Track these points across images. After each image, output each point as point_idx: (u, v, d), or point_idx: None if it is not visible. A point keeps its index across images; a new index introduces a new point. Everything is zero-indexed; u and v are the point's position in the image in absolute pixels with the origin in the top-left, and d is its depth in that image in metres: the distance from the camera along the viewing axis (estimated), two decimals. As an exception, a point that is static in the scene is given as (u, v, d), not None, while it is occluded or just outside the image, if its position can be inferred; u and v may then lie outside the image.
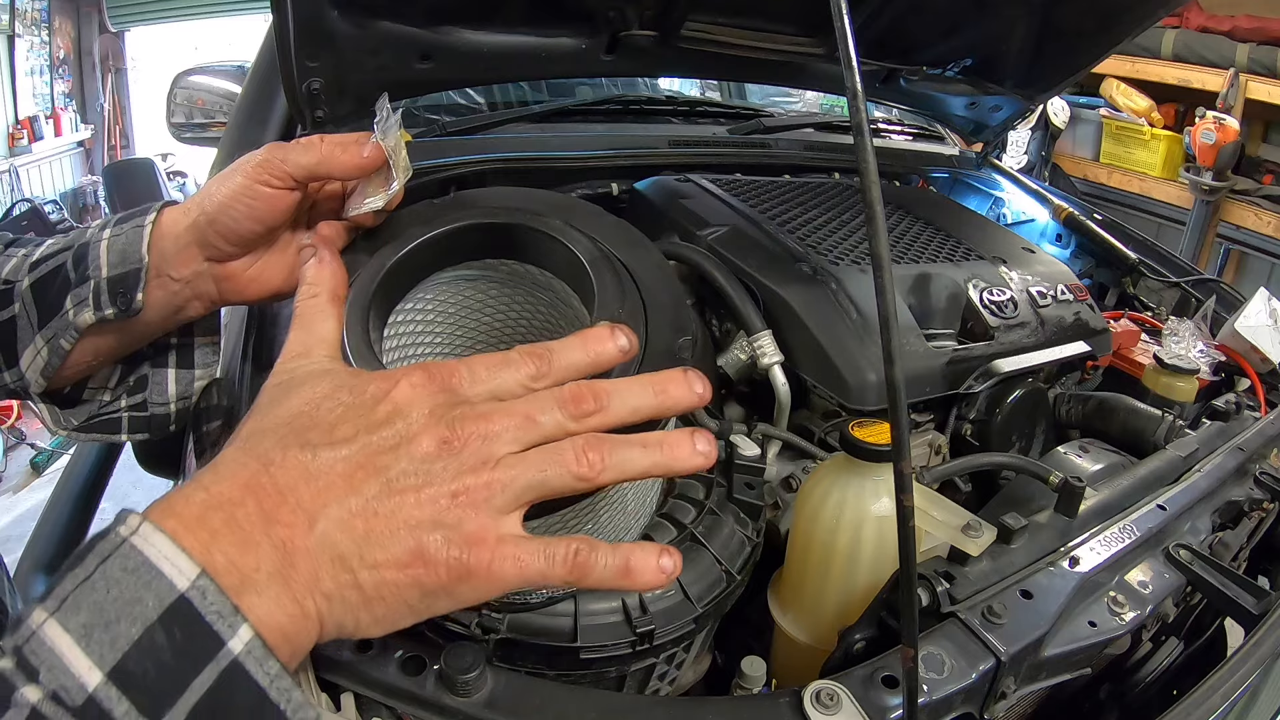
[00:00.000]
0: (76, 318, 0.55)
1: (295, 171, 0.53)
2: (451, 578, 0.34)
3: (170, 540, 0.30)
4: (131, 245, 0.55)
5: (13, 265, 0.59)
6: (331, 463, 0.34)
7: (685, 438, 0.39)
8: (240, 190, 0.53)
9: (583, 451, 0.36)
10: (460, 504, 0.34)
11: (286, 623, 0.32)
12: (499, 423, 0.36)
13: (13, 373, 0.58)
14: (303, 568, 0.33)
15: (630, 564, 0.37)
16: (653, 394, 0.39)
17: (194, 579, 0.29)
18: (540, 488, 0.36)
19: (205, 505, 0.32)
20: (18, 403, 3.28)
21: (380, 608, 0.35)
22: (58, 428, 0.62)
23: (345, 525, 0.33)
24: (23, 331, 0.57)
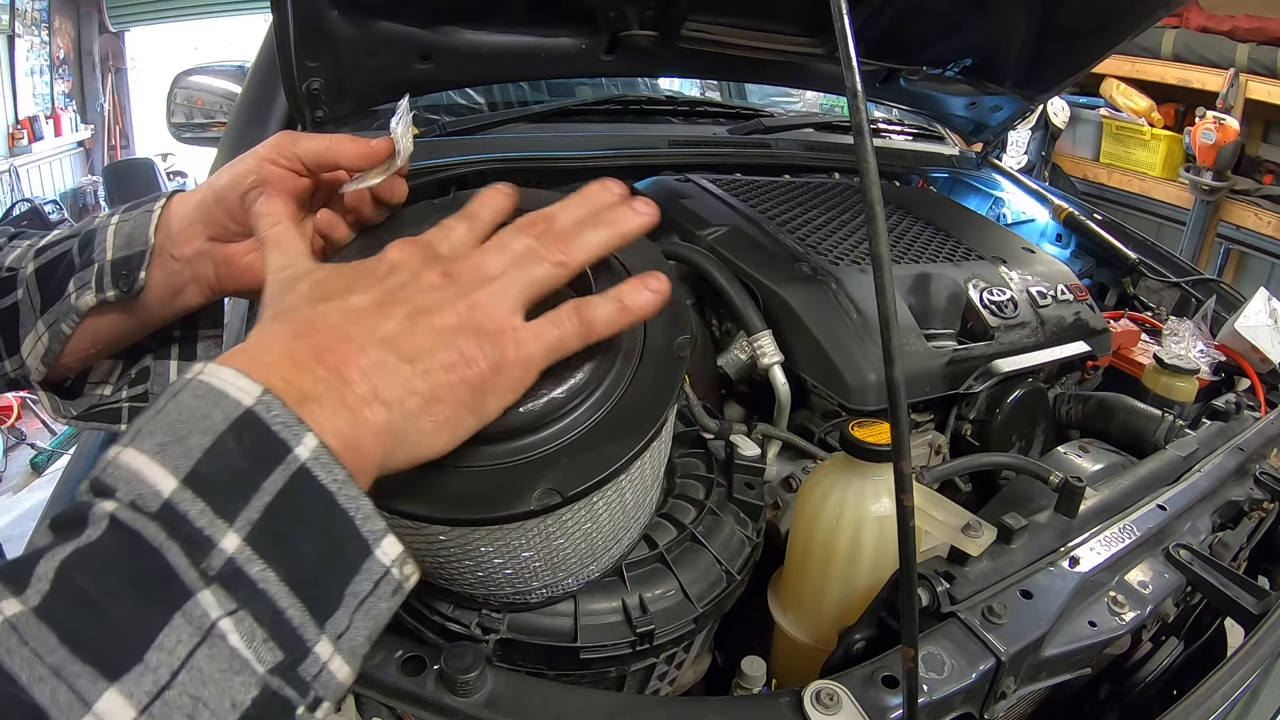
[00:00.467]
0: (78, 300, 0.55)
1: (304, 155, 0.54)
2: (490, 366, 0.38)
3: (234, 369, 0.32)
4: (139, 229, 0.55)
5: (17, 254, 0.59)
6: (361, 303, 0.38)
7: (627, 209, 0.45)
8: (249, 169, 0.54)
9: (551, 246, 0.42)
10: (476, 311, 0.39)
11: (348, 430, 0.33)
12: (483, 255, 0.42)
13: (13, 360, 0.59)
14: (359, 383, 0.35)
15: (624, 300, 0.42)
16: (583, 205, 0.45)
17: (259, 395, 0.31)
18: (534, 283, 0.41)
19: (260, 349, 0.35)
20: (18, 402, 3.29)
21: (439, 409, 0.37)
22: (58, 416, 0.62)
23: (389, 344, 0.36)
24: (25, 318, 0.57)
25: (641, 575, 0.57)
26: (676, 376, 0.49)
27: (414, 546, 0.49)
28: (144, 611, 0.27)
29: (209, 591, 0.28)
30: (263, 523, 0.29)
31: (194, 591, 0.28)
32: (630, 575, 0.56)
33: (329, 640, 0.30)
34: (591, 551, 0.52)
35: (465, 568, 0.49)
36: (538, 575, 0.51)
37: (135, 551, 0.28)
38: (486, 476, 0.44)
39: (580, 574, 0.53)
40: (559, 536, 0.48)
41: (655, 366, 0.49)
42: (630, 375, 0.48)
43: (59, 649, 0.26)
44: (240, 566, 0.28)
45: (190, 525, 0.28)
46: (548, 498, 0.43)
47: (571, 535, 0.49)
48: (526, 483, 0.43)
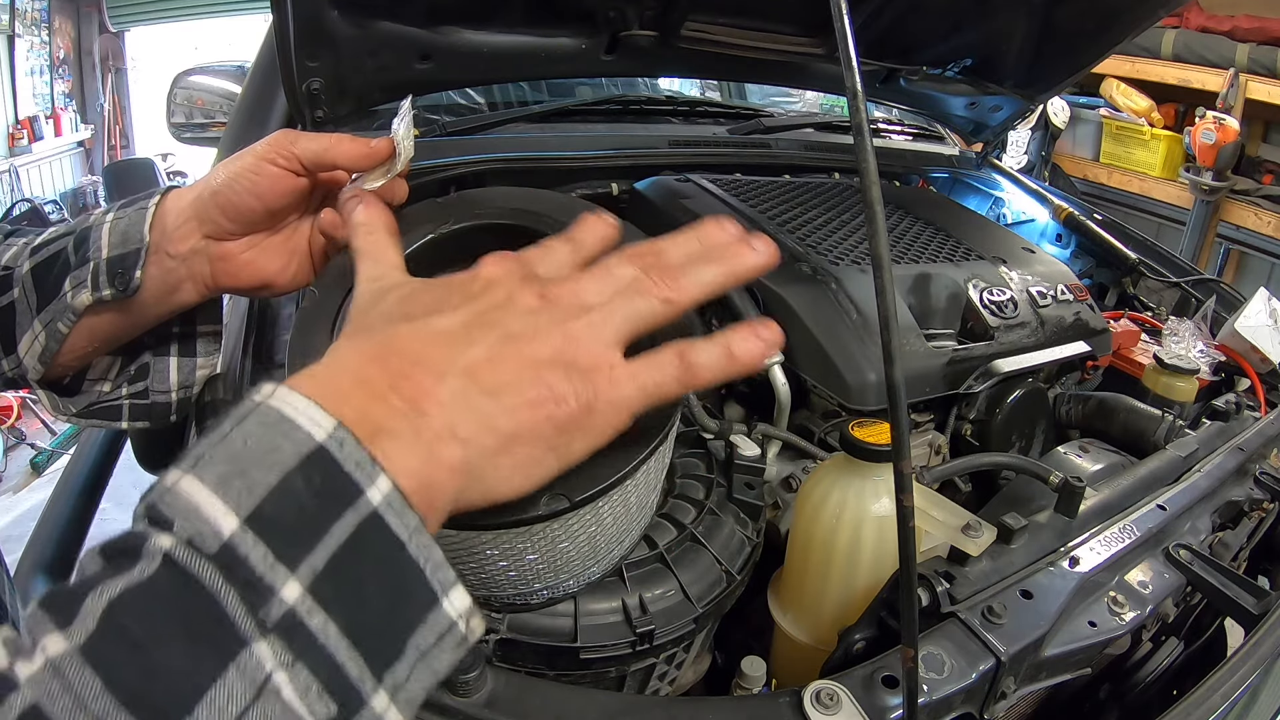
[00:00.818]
0: (74, 299, 0.54)
1: (303, 155, 0.53)
2: (581, 407, 0.36)
3: (306, 398, 0.30)
4: (134, 226, 0.54)
5: (13, 253, 0.59)
6: (447, 325, 0.36)
7: (744, 246, 0.42)
8: (247, 166, 0.54)
9: (660, 280, 0.39)
10: (572, 343, 0.36)
11: (422, 470, 0.32)
12: (583, 281, 0.39)
13: (10, 360, 0.58)
14: (435, 417, 0.33)
15: (732, 349, 0.39)
16: (698, 241, 0.42)
17: (331, 430, 0.29)
18: (635, 318, 0.38)
19: (333, 372, 0.33)
20: (18, 402, 3.29)
21: (520, 450, 0.35)
22: (57, 414, 0.62)
23: (472, 375, 0.34)
24: (21, 317, 0.57)
25: (641, 575, 0.57)
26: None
27: None
28: (196, 661, 0.25)
29: (265, 643, 0.26)
30: (328, 571, 0.27)
31: (249, 642, 0.26)
32: (630, 575, 0.56)
33: (386, 693, 0.29)
34: (594, 553, 0.52)
35: (469, 569, 0.49)
36: (540, 577, 0.51)
37: (190, 595, 0.26)
38: None
39: (582, 575, 0.53)
40: (563, 539, 0.48)
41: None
42: None
43: (103, 696, 0.24)
44: (300, 618, 0.27)
45: (250, 570, 0.26)
46: (556, 502, 0.43)
47: (576, 538, 0.49)
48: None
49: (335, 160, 0.54)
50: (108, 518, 2.75)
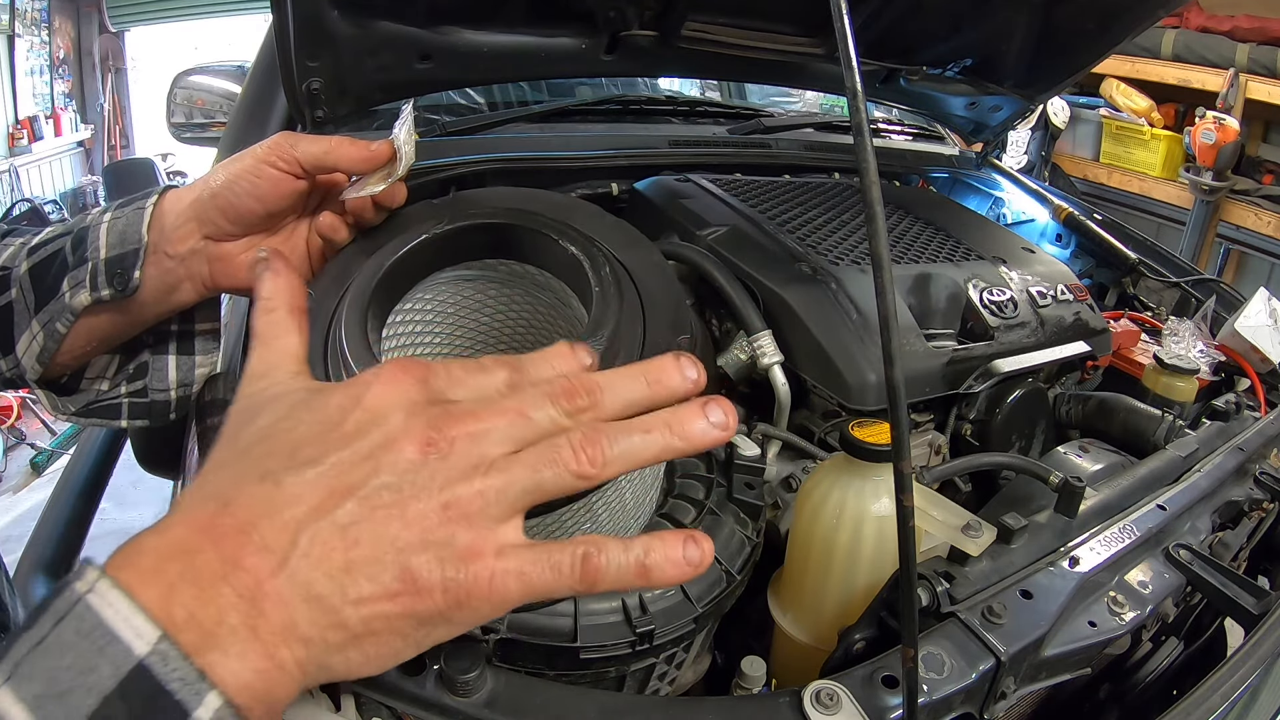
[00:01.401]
0: (73, 299, 0.54)
1: (303, 158, 0.53)
2: (449, 602, 0.31)
3: (126, 597, 0.27)
4: (132, 226, 0.54)
5: (10, 253, 0.58)
6: (297, 489, 0.30)
7: (695, 411, 0.35)
8: (247, 168, 0.53)
9: (580, 447, 0.33)
10: (451, 518, 0.31)
11: (257, 680, 0.28)
12: (488, 420, 0.33)
13: (8, 360, 0.58)
14: (274, 615, 0.29)
15: (646, 562, 0.33)
16: (645, 385, 0.36)
17: (154, 643, 0.26)
18: (537, 491, 0.33)
19: (162, 554, 0.29)
20: (18, 402, 3.29)
21: (371, 645, 0.31)
22: (56, 413, 0.62)
23: (319, 559, 0.30)
24: (19, 317, 0.57)
25: (641, 575, 0.57)
26: None
27: None
28: None
29: None
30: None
31: None
32: (630, 575, 0.56)
33: None
34: None
35: None
36: None
37: None
38: None
39: None
40: (558, 536, 0.48)
41: None
42: None
43: None
44: None
45: None
46: None
47: (571, 535, 0.49)
48: None
49: (335, 163, 0.54)
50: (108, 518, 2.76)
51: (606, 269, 0.51)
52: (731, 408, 0.36)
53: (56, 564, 1.39)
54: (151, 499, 2.85)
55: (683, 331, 0.52)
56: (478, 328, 0.65)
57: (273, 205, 0.55)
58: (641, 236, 0.61)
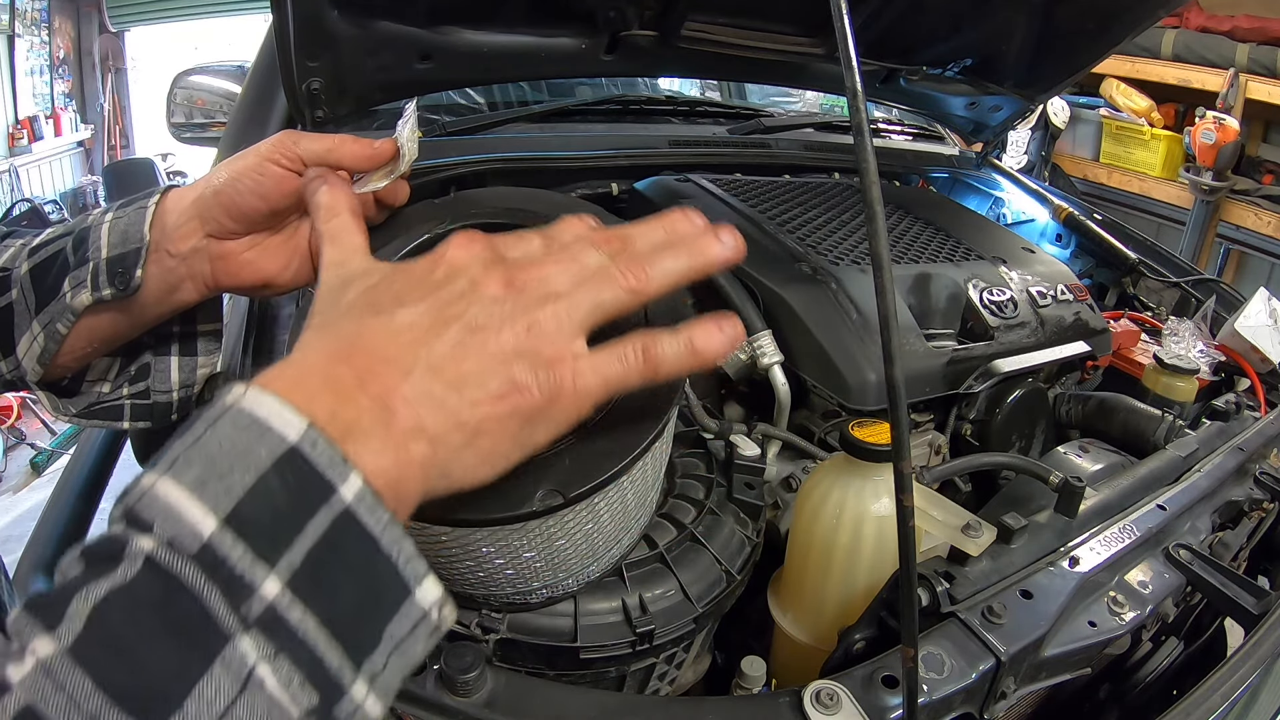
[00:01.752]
0: (74, 299, 0.54)
1: (306, 155, 0.54)
2: (545, 398, 0.36)
3: (277, 399, 0.30)
4: (133, 226, 0.54)
5: (10, 254, 0.58)
6: (411, 319, 0.36)
7: (710, 238, 0.42)
8: (250, 166, 0.54)
9: (626, 269, 0.39)
10: (535, 334, 0.36)
11: (392, 468, 0.32)
12: (549, 266, 0.39)
13: (9, 362, 0.58)
14: (403, 414, 0.33)
15: (695, 343, 0.39)
16: (663, 232, 0.43)
17: (303, 431, 0.30)
18: (601, 307, 0.38)
19: (302, 372, 0.33)
20: (18, 402, 3.29)
21: (486, 442, 0.36)
22: (57, 414, 0.62)
23: (438, 370, 0.35)
24: (19, 318, 0.57)
25: (641, 575, 0.57)
26: (680, 381, 0.49)
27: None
28: (182, 657, 0.26)
29: (248, 637, 0.27)
30: (305, 567, 0.29)
31: (232, 637, 0.27)
32: (630, 575, 0.56)
33: (364, 681, 0.30)
34: (593, 551, 0.52)
35: (466, 568, 0.49)
36: (539, 575, 0.51)
37: (173, 594, 0.27)
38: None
39: (581, 574, 0.53)
40: (560, 537, 0.48)
41: None
42: None
43: (95, 695, 0.25)
44: (281, 613, 0.28)
45: (230, 569, 0.27)
46: (550, 499, 0.43)
47: (573, 535, 0.49)
48: (529, 483, 0.43)
49: (339, 161, 0.54)
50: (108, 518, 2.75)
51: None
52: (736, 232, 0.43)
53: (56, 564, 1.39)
54: (151, 499, 2.85)
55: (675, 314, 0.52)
56: None
57: (276, 203, 0.55)
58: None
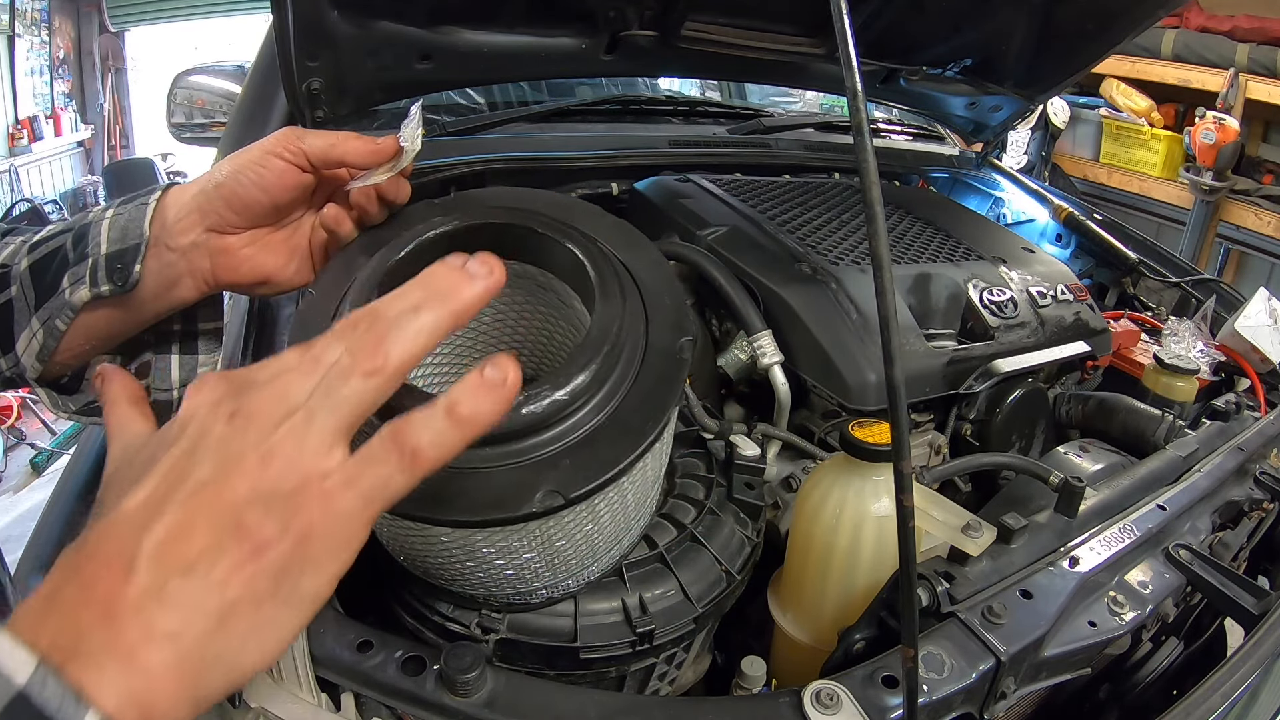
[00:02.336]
0: (73, 295, 0.54)
1: (310, 150, 0.54)
2: (293, 542, 0.32)
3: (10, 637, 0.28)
4: (134, 222, 0.54)
5: (10, 250, 0.58)
6: (135, 503, 0.32)
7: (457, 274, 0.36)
8: (253, 159, 0.54)
9: (357, 352, 0.34)
10: (272, 465, 0.32)
11: (131, 685, 0.29)
12: (285, 379, 0.34)
13: (8, 359, 0.58)
14: (132, 622, 0.29)
15: (458, 411, 0.34)
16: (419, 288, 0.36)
17: (32, 671, 0.27)
18: (342, 405, 0.33)
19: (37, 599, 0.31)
20: (18, 402, 3.29)
21: (243, 620, 0.31)
22: (57, 411, 0.62)
23: (161, 557, 0.30)
24: (19, 315, 0.56)
25: (641, 575, 0.57)
26: (679, 378, 0.49)
27: (415, 548, 0.49)
28: None
29: None
30: None
31: None
32: (630, 575, 0.56)
33: None
34: (593, 552, 0.52)
35: (466, 569, 0.49)
36: (539, 576, 0.51)
37: None
38: (489, 478, 0.44)
39: (581, 574, 0.53)
40: (560, 538, 0.48)
41: (657, 368, 0.49)
42: (633, 377, 0.48)
43: None
44: None
45: None
46: (550, 500, 0.43)
47: (573, 536, 0.49)
48: (529, 485, 0.43)
49: (342, 157, 0.54)
50: None
51: (609, 270, 0.51)
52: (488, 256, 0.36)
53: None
54: (151, 499, 2.84)
55: (684, 332, 0.52)
56: (477, 329, 0.65)
57: (278, 197, 0.55)
58: (642, 236, 0.61)
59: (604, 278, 0.50)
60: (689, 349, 0.51)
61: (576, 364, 0.45)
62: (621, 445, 0.45)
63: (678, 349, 0.50)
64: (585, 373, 0.45)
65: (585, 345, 0.47)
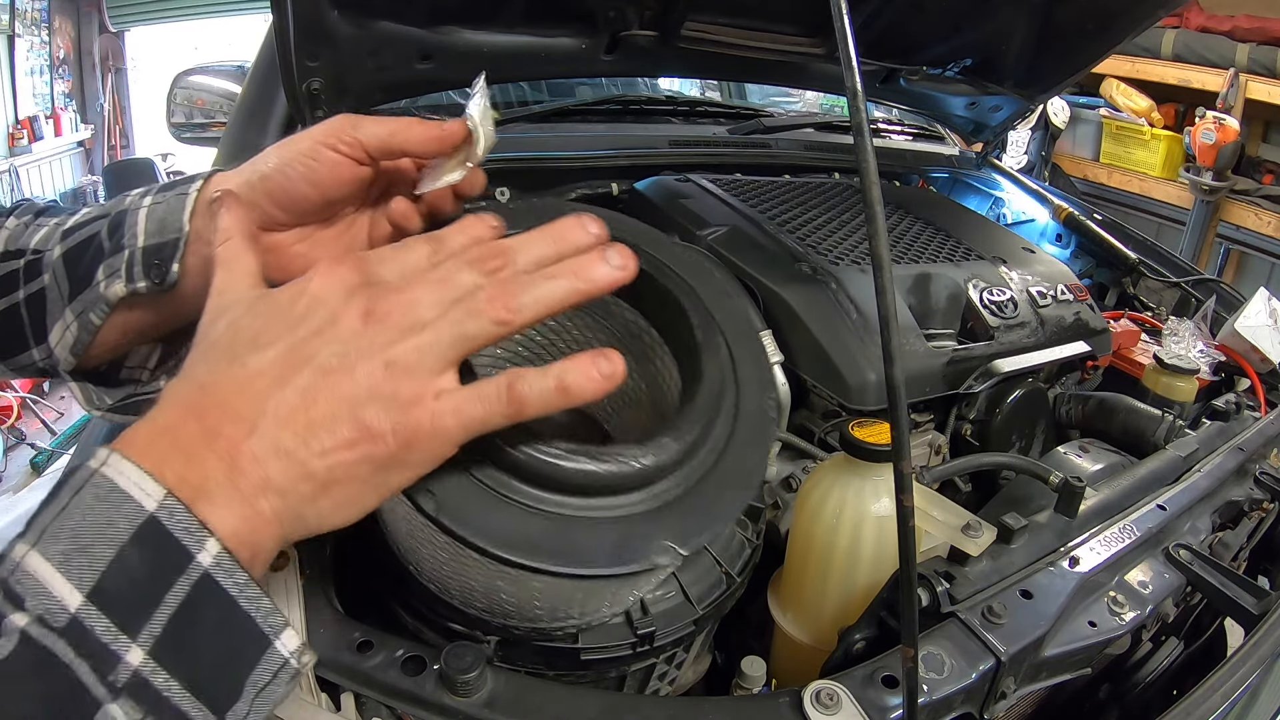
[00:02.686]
0: (107, 290, 0.50)
1: (367, 140, 0.49)
2: (399, 444, 0.35)
3: (137, 466, 0.31)
4: (173, 213, 0.50)
5: (43, 234, 0.55)
6: (261, 366, 0.35)
7: (596, 257, 0.39)
8: (303, 151, 0.50)
9: (495, 297, 0.36)
10: (393, 373, 0.35)
11: (243, 527, 0.33)
12: (417, 290, 0.37)
13: (41, 349, 0.54)
14: (250, 471, 0.33)
15: (565, 381, 0.37)
16: (551, 242, 0.39)
17: (160, 500, 0.31)
18: (464, 340, 0.36)
19: (155, 432, 0.34)
20: (18, 402, 3.29)
21: (339, 491, 0.35)
22: (90, 408, 0.57)
23: (285, 420, 0.34)
24: (52, 305, 0.53)
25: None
26: (770, 435, 0.50)
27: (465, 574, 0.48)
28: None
29: (117, 705, 0.29)
30: (166, 635, 0.30)
31: (103, 703, 0.29)
32: (630, 575, 0.56)
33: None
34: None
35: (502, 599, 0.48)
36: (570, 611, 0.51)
37: (47, 667, 0.29)
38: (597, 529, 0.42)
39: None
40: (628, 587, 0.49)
41: (750, 426, 0.49)
42: (728, 434, 0.48)
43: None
44: (145, 678, 0.30)
45: (97, 641, 0.29)
46: (668, 554, 0.42)
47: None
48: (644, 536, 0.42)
49: (404, 146, 0.50)
50: None
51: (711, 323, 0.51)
52: (628, 251, 0.39)
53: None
54: (151, 499, 2.84)
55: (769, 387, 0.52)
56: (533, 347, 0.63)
57: (330, 192, 0.51)
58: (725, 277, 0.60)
59: (708, 332, 0.50)
60: (774, 407, 0.52)
61: (691, 420, 0.45)
62: (725, 500, 0.45)
63: (765, 406, 0.51)
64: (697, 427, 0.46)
65: (699, 403, 0.47)
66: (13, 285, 0.55)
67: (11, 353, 0.56)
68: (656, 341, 0.56)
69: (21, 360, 0.57)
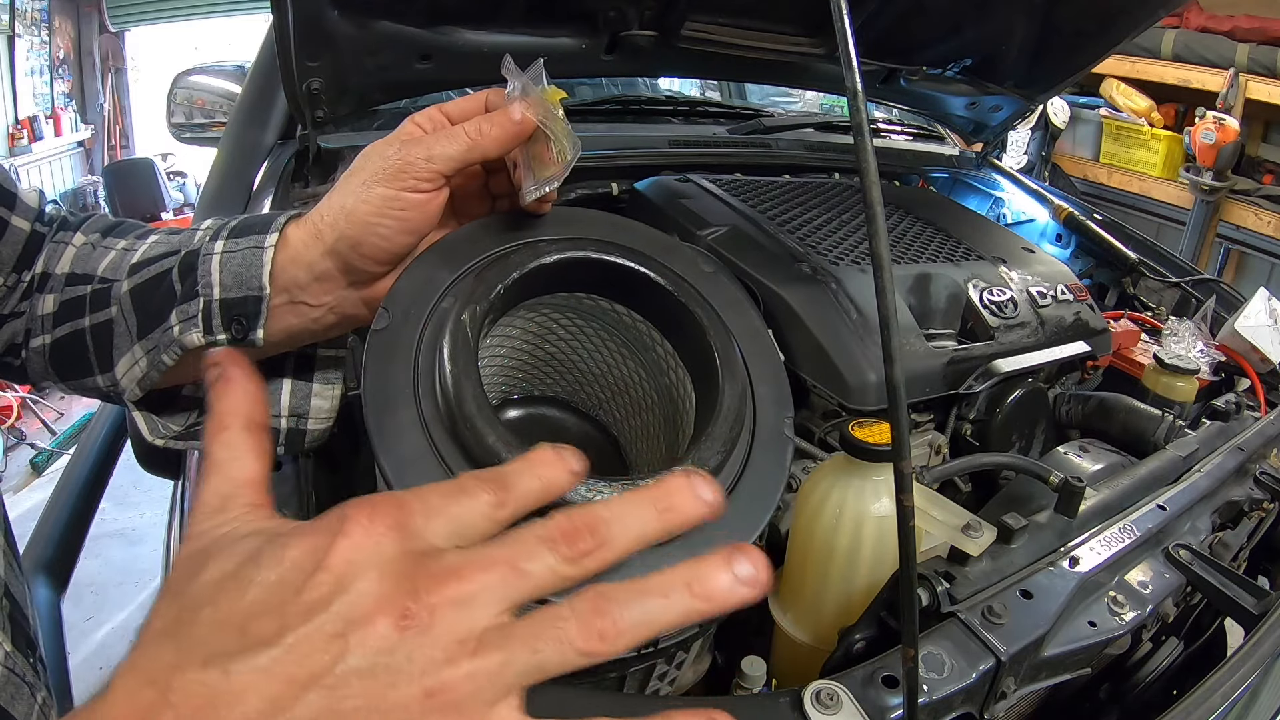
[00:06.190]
0: (183, 335, 0.49)
1: (444, 167, 0.47)
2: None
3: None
4: (250, 270, 0.49)
5: (110, 261, 0.54)
6: (248, 679, 0.24)
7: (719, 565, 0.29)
8: (386, 203, 0.47)
9: (590, 620, 0.27)
10: (436, 706, 0.25)
11: None
12: (475, 579, 0.27)
13: (106, 378, 0.54)
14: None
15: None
16: (655, 513, 0.31)
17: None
18: (537, 671, 0.27)
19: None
20: (18, 403, 3.29)
21: None
22: (154, 437, 0.55)
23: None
24: (119, 339, 0.52)
25: (642, 575, 0.57)
26: (787, 457, 0.51)
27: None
28: None
29: None
30: None
31: None
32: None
33: None
34: None
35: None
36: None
37: None
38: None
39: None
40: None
41: (768, 448, 0.50)
42: (745, 456, 0.49)
43: None
44: None
45: None
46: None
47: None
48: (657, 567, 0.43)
49: (484, 155, 0.49)
50: (108, 518, 2.75)
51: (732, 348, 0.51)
52: (761, 557, 0.30)
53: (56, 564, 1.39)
54: (151, 499, 2.85)
55: (787, 406, 0.52)
56: (540, 354, 0.63)
57: (424, 229, 0.50)
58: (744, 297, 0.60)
59: (729, 357, 0.50)
60: (791, 427, 0.52)
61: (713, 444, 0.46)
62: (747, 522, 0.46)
63: (781, 427, 0.51)
64: (719, 454, 0.46)
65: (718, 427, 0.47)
66: (79, 311, 0.54)
67: (75, 375, 0.56)
68: (670, 353, 0.56)
69: (86, 384, 0.56)
